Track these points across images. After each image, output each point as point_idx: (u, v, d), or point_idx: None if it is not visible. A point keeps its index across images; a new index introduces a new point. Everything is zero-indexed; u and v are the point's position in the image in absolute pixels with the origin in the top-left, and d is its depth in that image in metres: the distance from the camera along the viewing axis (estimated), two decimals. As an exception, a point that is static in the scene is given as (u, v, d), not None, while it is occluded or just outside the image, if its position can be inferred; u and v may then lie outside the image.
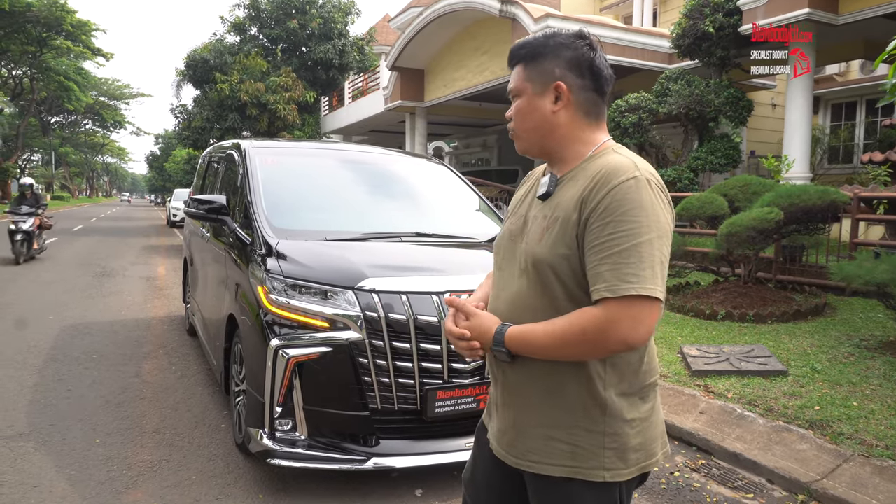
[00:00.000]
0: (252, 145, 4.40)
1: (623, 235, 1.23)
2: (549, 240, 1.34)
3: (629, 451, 1.35)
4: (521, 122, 1.44)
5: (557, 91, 1.39)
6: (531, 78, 1.41)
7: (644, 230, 1.23)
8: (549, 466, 1.37)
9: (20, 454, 3.48)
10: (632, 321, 1.22)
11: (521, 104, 1.43)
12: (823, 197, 5.99)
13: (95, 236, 19.67)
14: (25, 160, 58.47)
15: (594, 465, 1.34)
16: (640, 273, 1.22)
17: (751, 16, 9.35)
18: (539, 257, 1.35)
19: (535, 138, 1.43)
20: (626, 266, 1.22)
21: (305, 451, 2.96)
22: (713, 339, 5.45)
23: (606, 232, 1.25)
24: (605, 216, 1.26)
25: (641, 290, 1.21)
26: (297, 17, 19.25)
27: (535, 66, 1.41)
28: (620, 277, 1.22)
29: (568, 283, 1.33)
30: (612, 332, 1.23)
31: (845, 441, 3.47)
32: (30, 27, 32.59)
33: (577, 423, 1.35)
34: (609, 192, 1.27)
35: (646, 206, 1.25)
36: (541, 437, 1.38)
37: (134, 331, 6.57)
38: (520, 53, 1.44)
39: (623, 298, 1.22)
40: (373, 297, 3.02)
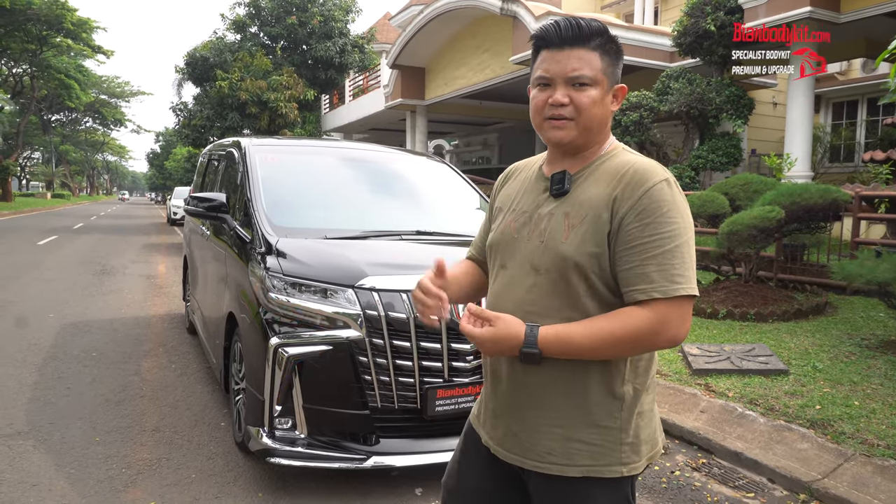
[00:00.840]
0: (252, 143, 4.39)
1: (665, 237, 1.26)
2: (576, 238, 1.32)
3: (641, 443, 1.38)
4: (589, 115, 1.34)
5: (618, 92, 1.41)
6: (607, 72, 1.36)
7: (683, 231, 1.28)
8: (568, 467, 1.35)
9: (19, 452, 3.48)
10: (680, 320, 1.27)
11: (595, 95, 1.34)
12: (825, 196, 5.97)
13: (96, 234, 19.67)
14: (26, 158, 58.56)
15: (612, 462, 1.35)
16: (685, 273, 1.27)
17: (752, 14, 9.34)
18: (565, 255, 1.32)
19: (591, 131, 1.37)
20: (673, 267, 1.26)
21: (305, 449, 2.95)
22: (714, 337, 5.44)
23: (647, 233, 1.27)
24: (644, 217, 1.27)
25: (689, 289, 1.27)
26: (297, 15, 19.23)
27: (612, 62, 1.38)
28: (669, 278, 1.26)
29: (593, 280, 1.32)
30: (665, 331, 1.26)
31: (846, 440, 3.46)
32: (30, 25, 32.57)
33: (596, 421, 1.35)
34: (646, 192, 1.28)
35: (681, 208, 1.30)
36: (560, 439, 1.36)
37: (134, 329, 6.56)
38: (594, 39, 1.34)
39: (673, 299, 1.26)
40: (373, 296, 3.01)
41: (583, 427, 1.35)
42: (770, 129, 14.85)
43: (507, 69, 13.60)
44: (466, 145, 25.02)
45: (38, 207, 38.49)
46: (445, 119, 20.50)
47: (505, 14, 12.25)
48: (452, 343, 3.05)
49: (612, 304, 1.32)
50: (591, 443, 1.34)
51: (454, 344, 3.05)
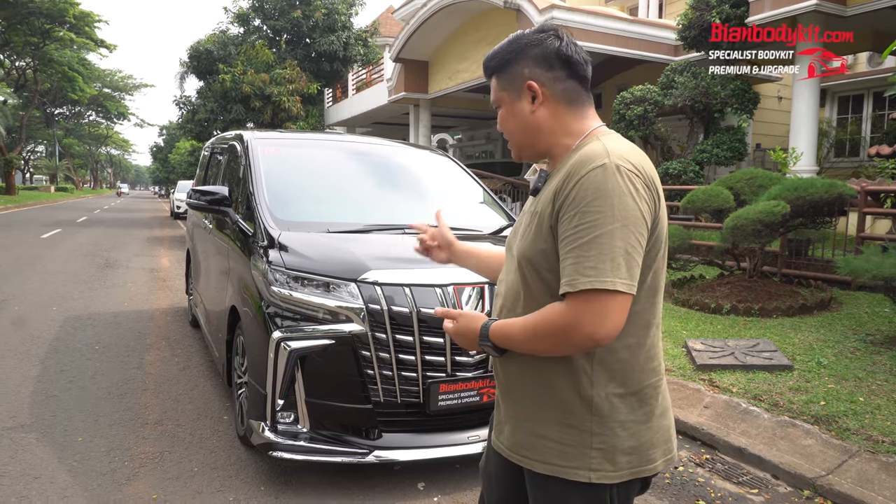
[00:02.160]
0: (254, 136, 4.37)
1: (585, 227, 1.20)
2: (529, 235, 1.34)
3: (619, 453, 1.30)
4: (508, 131, 1.45)
5: (531, 90, 1.37)
6: (505, 86, 1.42)
7: (607, 220, 1.18)
8: (537, 463, 1.35)
9: (22, 445, 3.48)
10: (593, 316, 1.18)
11: (503, 113, 1.44)
12: (830, 190, 5.93)
13: (99, 228, 19.70)
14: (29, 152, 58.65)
15: (580, 465, 1.30)
16: (599, 266, 1.17)
17: (757, 7, 9.27)
18: (522, 252, 1.36)
19: (525, 142, 1.43)
20: (587, 259, 1.18)
21: (307, 443, 2.95)
22: (718, 333, 5.41)
23: (573, 224, 1.22)
24: (572, 208, 1.22)
25: (598, 283, 1.17)
26: (301, 9, 19.17)
27: (506, 73, 1.41)
28: (580, 271, 1.19)
29: (546, 277, 1.31)
30: (576, 327, 1.19)
31: (851, 436, 3.44)
32: (33, 18, 32.56)
33: (564, 420, 1.32)
34: (577, 182, 1.23)
35: (610, 194, 1.19)
36: (531, 433, 1.37)
37: (137, 322, 6.57)
38: (491, 65, 1.45)
39: (583, 293, 1.18)
40: (375, 290, 3.00)
41: (552, 424, 1.33)
42: (775, 123, 14.78)
43: (510, 63, 13.52)
44: (470, 139, 24.96)
45: (42, 201, 38.55)
46: (449, 113, 20.44)
47: (508, 7, 12.18)
48: (455, 337, 3.03)
49: None
50: (559, 441, 1.32)
51: (457, 338, 3.03)
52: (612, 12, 13.61)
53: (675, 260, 7.13)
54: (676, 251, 6.83)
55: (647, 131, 10.76)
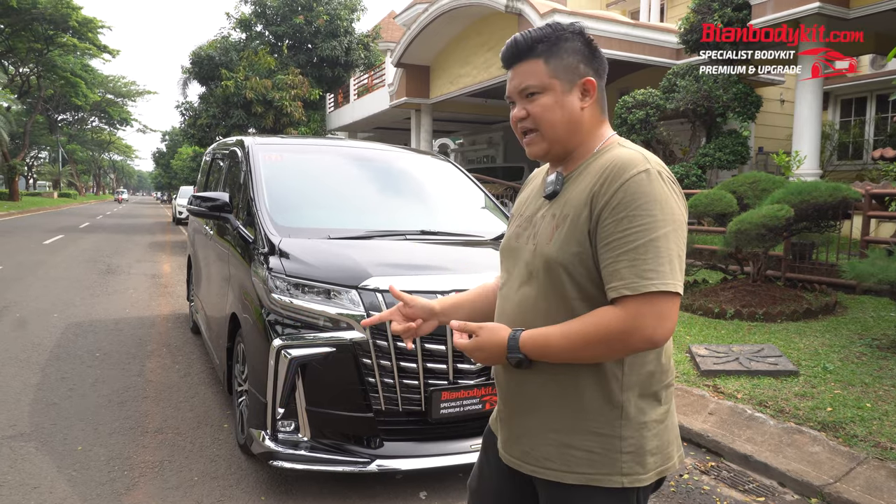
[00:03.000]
0: (255, 142, 4.35)
1: (638, 231, 1.20)
2: (559, 239, 1.30)
3: (647, 454, 1.30)
4: (548, 123, 1.34)
5: (585, 87, 1.35)
6: (557, 74, 1.33)
7: (659, 224, 1.20)
8: (565, 474, 1.32)
9: (21, 454, 3.45)
10: (655, 318, 1.19)
11: (547, 102, 1.33)
12: (834, 194, 5.89)
13: (102, 233, 19.72)
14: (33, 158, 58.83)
15: (612, 471, 1.29)
16: (658, 269, 1.19)
17: (759, 10, 9.25)
18: (550, 257, 1.31)
19: (563, 137, 1.35)
20: (644, 262, 1.19)
21: (308, 452, 2.91)
22: (722, 338, 5.37)
23: (621, 228, 1.21)
24: (619, 211, 1.22)
25: (661, 285, 1.19)
26: (303, 14, 19.20)
27: (560, 61, 1.33)
28: (639, 274, 1.19)
29: (581, 282, 1.29)
30: (637, 330, 1.19)
31: (859, 443, 3.40)
32: (36, 25, 32.72)
33: (593, 428, 1.30)
34: (621, 186, 1.23)
35: (659, 199, 1.22)
36: (556, 444, 1.33)
37: (138, 329, 6.55)
38: (535, 48, 1.34)
39: (644, 296, 1.19)
40: (377, 297, 2.97)
41: (580, 433, 1.31)
42: (778, 126, 14.74)
43: (512, 67, 13.52)
44: (471, 144, 24.95)
45: (45, 206, 38.64)
46: (450, 118, 20.44)
47: (510, 12, 12.19)
48: (457, 345, 3.00)
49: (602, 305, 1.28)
50: (589, 450, 1.30)
51: (459, 345, 3.00)
52: (613, 16, 13.61)
53: (678, 264, 7.08)
54: (680, 255, 6.78)
55: (649, 135, 10.73)
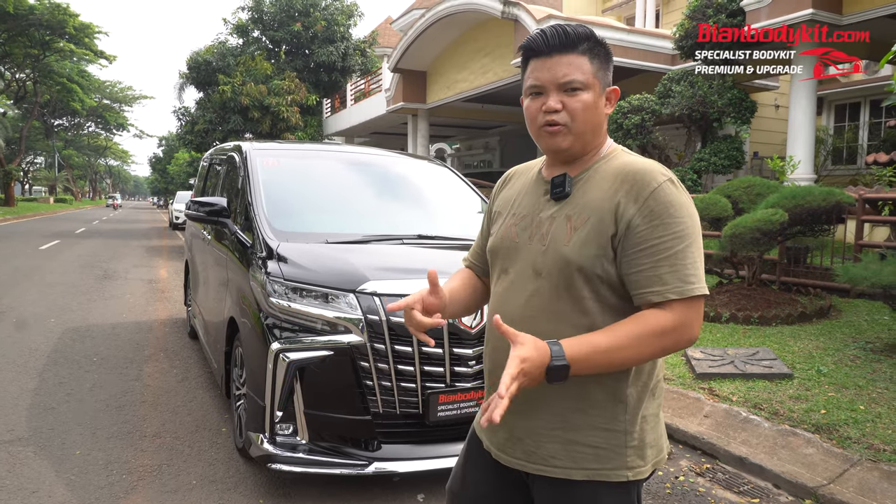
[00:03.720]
0: (253, 147, 4.38)
1: (675, 237, 1.26)
2: (578, 240, 1.32)
3: (647, 447, 1.36)
4: (583, 119, 1.34)
5: (611, 95, 1.40)
6: (598, 76, 1.37)
7: (691, 231, 1.28)
8: (572, 470, 1.35)
9: (20, 459, 3.46)
10: (697, 320, 1.28)
11: (588, 99, 1.34)
12: (828, 198, 5.94)
13: (98, 239, 19.69)
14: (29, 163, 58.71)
15: (618, 465, 1.33)
16: (696, 273, 1.27)
17: (754, 17, 9.33)
18: (569, 258, 1.32)
19: (589, 136, 1.37)
20: (685, 268, 1.26)
21: (306, 455, 2.93)
22: (717, 341, 5.41)
23: (657, 234, 1.27)
24: (653, 218, 1.27)
25: (703, 289, 1.27)
26: (300, 20, 19.26)
27: (602, 65, 1.38)
28: (683, 279, 1.26)
29: (596, 284, 1.31)
30: (686, 332, 1.27)
31: (852, 445, 3.43)
32: (33, 30, 32.73)
33: (599, 424, 1.34)
34: (651, 194, 1.28)
35: (688, 207, 1.30)
36: (562, 442, 1.35)
37: (135, 334, 6.55)
38: (582, 44, 1.34)
39: (689, 299, 1.26)
40: (374, 300, 2.99)
41: (585, 430, 1.34)
42: (772, 131, 14.83)
43: (508, 72, 13.60)
44: (468, 149, 25.03)
45: (41, 212, 38.56)
46: (447, 122, 20.51)
47: (506, 18, 12.26)
48: (454, 348, 3.02)
49: (615, 307, 1.32)
50: (595, 446, 1.33)
51: (456, 349, 3.03)
52: (609, 22, 13.69)
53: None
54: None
55: (644, 140, 10.79)
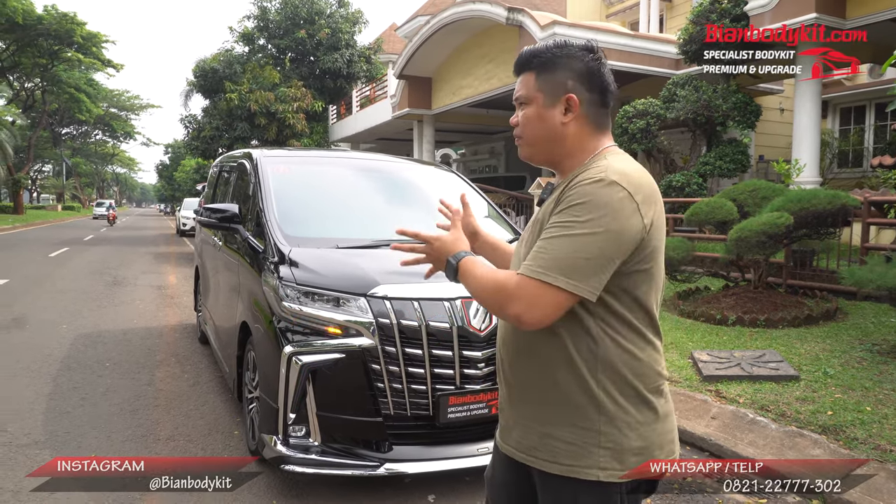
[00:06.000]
0: (263, 154, 4.45)
1: (560, 225, 1.30)
2: (532, 240, 1.40)
3: (627, 452, 1.35)
4: (529, 131, 1.46)
5: (568, 103, 1.42)
6: (542, 88, 1.43)
7: (582, 224, 1.27)
8: (548, 463, 1.40)
9: (37, 462, 3.52)
10: (529, 301, 1.29)
11: (529, 113, 1.45)
12: (833, 201, 5.97)
13: (106, 246, 19.83)
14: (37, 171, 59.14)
15: (589, 464, 1.36)
16: (552, 261, 1.28)
17: (758, 21, 9.36)
18: (524, 257, 1.40)
19: (542, 147, 1.47)
20: (545, 252, 1.29)
21: (319, 457, 2.98)
22: (724, 344, 5.43)
23: (554, 220, 1.33)
24: (559, 207, 1.33)
25: (543, 275, 1.28)
26: (305, 28, 19.40)
27: (547, 77, 1.43)
28: (534, 258, 1.31)
29: None
30: (512, 302, 1.31)
31: (859, 446, 3.45)
32: (41, 40, 33.05)
33: (574, 421, 1.37)
34: (572, 185, 1.34)
35: (595, 204, 1.27)
36: (541, 435, 1.41)
37: (146, 339, 6.62)
38: (531, 62, 1.46)
39: (532, 280, 1.29)
40: (385, 304, 3.05)
41: (561, 425, 1.38)
42: (777, 134, 14.84)
43: (512, 78, 13.38)
44: (473, 154, 25.09)
45: (49, 219, 38.82)
46: (452, 128, 20.59)
47: (511, 24, 12.33)
48: (464, 350, 3.07)
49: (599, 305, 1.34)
50: (569, 442, 1.37)
51: (465, 351, 3.08)
52: (613, 27, 13.75)
53: (679, 272, 7.15)
54: (681, 263, 6.86)
55: (649, 144, 10.83)
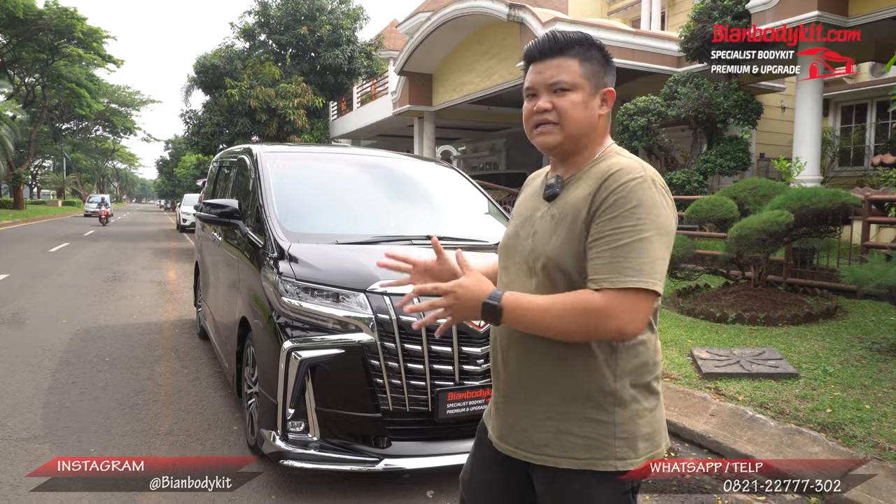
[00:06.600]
0: (263, 150, 4.44)
1: (626, 231, 1.29)
2: (558, 239, 1.39)
3: (639, 440, 1.39)
4: (570, 118, 1.41)
5: (605, 96, 1.45)
6: (588, 76, 1.42)
7: (647, 227, 1.29)
8: (562, 459, 1.40)
9: (36, 456, 3.52)
10: (628, 313, 1.28)
11: (575, 100, 1.41)
12: (834, 199, 5.96)
13: (106, 241, 19.83)
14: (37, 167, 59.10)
15: (606, 456, 1.38)
16: (640, 268, 1.28)
17: (759, 19, 9.35)
18: (549, 256, 1.39)
19: (577, 135, 1.43)
20: (626, 260, 1.28)
21: (318, 452, 2.98)
22: (723, 341, 5.43)
23: (610, 227, 1.31)
24: (611, 212, 1.31)
25: (639, 283, 1.28)
26: (306, 24, 19.37)
27: (590, 67, 1.43)
28: (621, 270, 1.28)
29: (576, 279, 1.37)
30: (611, 319, 1.27)
31: (858, 444, 3.45)
32: (41, 35, 33.02)
33: (588, 415, 1.38)
34: (618, 188, 1.32)
35: (648, 205, 1.31)
36: (554, 431, 1.41)
37: (146, 334, 6.63)
38: (571, 48, 1.42)
39: (624, 291, 1.28)
40: (384, 300, 3.05)
41: (577, 420, 1.39)
42: (778, 132, 14.82)
43: (514, 75, 13.65)
44: (474, 151, 25.09)
45: (49, 215, 38.82)
46: (453, 125, 20.57)
47: (512, 20, 12.31)
48: (463, 346, 3.07)
49: None
50: (584, 436, 1.38)
51: (465, 347, 3.08)
52: (615, 25, 13.73)
53: (679, 269, 7.15)
54: (681, 260, 6.86)
55: (650, 142, 10.82)
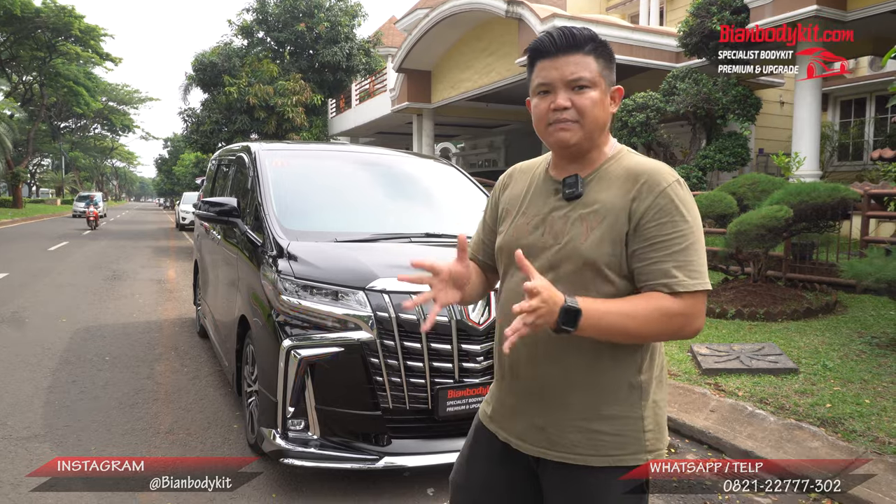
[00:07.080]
0: (262, 147, 4.43)
1: (682, 235, 1.34)
2: (595, 239, 1.37)
3: (662, 428, 1.46)
4: (592, 116, 1.39)
5: (614, 94, 1.46)
6: (604, 74, 1.42)
7: (696, 229, 1.36)
8: (592, 457, 1.41)
9: (36, 455, 3.53)
10: (700, 313, 1.36)
11: (595, 97, 1.40)
12: (833, 194, 5.96)
13: (105, 240, 19.81)
14: (35, 165, 59.05)
15: (637, 450, 1.41)
16: (701, 269, 1.35)
17: (758, 13, 9.34)
18: (585, 255, 1.37)
19: (595, 132, 1.42)
20: (691, 263, 1.34)
21: (318, 450, 2.99)
22: (723, 337, 5.44)
23: (665, 231, 1.34)
24: (661, 216, 1.34)
25: (706, 285, 1.35)
26: (304, 21, 19.32)
27: (604, 64, 1.43)
28: (689, 275, 1.33)
29: (613, 279, 1.38)
30: (690, 321, 1.34)
31: (858, 438, 3.46)
32: (39, 33, 32.96)
33: (620, 413, 1.40)
34: (661, 193, 1.35)
35: (689, 206, 1.37)
36: (585, 431, 1.41)
37: (145, 333, 6.62)
38: (587, 44, 1.41)
39: (694, 293, 1.33)
40: (383, 298, 3.05)
41: (608, 420, 1.40)
42: (777, 128, 14.81)
43: (512, 71, 13.63)
44: (473, 148, 25.06)
45: (48, 213, 38.78)
46: (451, 122, 20.55)
47: (510, 17, 12.29)
48: (463, 344, 3.07)
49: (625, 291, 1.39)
50: (616, 434, 1.40)
51: (464, 345, 3.08)
52: (613, 20, 13.70)
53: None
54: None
55: (649, 138, 10.81)
